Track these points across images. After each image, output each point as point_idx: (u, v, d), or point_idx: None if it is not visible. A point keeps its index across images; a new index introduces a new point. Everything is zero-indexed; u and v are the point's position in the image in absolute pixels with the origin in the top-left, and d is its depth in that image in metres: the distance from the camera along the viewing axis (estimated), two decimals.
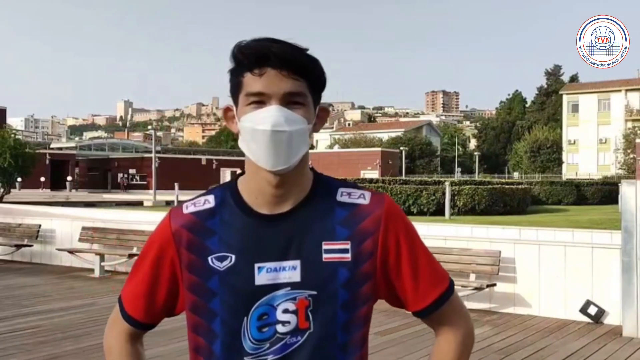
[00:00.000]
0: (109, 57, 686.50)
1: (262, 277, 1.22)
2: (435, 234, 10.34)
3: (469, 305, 8.08)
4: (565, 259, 7.65)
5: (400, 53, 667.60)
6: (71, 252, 11.57)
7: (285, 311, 1.22)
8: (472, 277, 7.94)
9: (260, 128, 1.19)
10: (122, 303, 1.37)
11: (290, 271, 1.23)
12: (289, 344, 1.22)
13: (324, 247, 1.24)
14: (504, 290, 7.95)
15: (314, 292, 1.22)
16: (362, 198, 1.29)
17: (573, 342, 6.51)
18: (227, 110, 1.30)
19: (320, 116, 1.29)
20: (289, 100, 1.21)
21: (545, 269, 7.77)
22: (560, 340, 6.61)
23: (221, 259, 1.24)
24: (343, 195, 1.29)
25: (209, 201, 1.30)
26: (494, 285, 7.85)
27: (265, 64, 1.20)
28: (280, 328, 1.22)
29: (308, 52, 1.25)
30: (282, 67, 1.20)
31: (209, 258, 1.25)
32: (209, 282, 1.24)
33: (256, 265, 1.23)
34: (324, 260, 1.24)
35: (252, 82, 1.21)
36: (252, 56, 1.21)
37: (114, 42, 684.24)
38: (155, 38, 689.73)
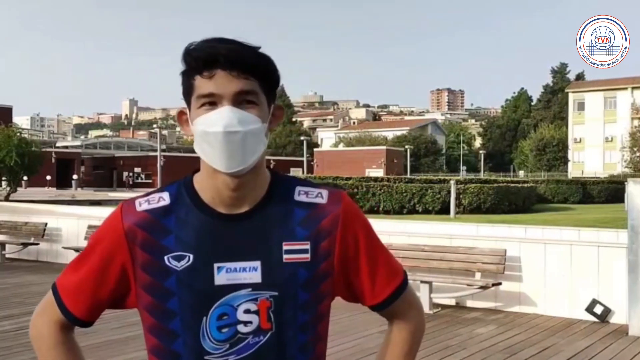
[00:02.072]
0: (114, 56, 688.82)
1: (221, 277, 1.21)
2: (441, 232, 10.34)
3: (475, 304, 8.08)
4: (571, 258, 7.63)
5: (404, 51, 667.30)
6: (77, 250, 11.61)
7: (247, 311, 1.21)
8: (478, 275, 7.93)
9: (212, 130, 1.17)
10: (59, 295, 1.31)
11: (251, 272, 1.22)
12: (251, 344, 1.22)
13: (285, 247, 1.24)
14: (510, 289, 7.94)
15: (275, 293, 1.22)
16: (319, 197, 1.29)
17: (579, 341, 6.49)
18: (181, 113, 1.28)
19: (276, 115, 1.28)
20: (241, 100, 1.19)
21: (550, 267, 7.75)
22: (565, 339, 6.60)
23: (178, 259, 1.22)
24: (301, 195, 1.29)
25: (164, 198, 1.27)
26: (500, 284, 7.83)
27: (214, 66, 1.19)
28: (241, 328, 1.21)
29: (259, 50, 1.23)
30: (231, 68, 1.19)
31: (166, 257, 1.22)
32: (166, 282, 1.22)
33: (215, 265, 1.22)
34: (284, 260, 1.24)
35: (203, 84, 1.20)
36: (200, 59, 1.19)
37: (119, 40, 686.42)
38: (159, 36, 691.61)
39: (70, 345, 1.33)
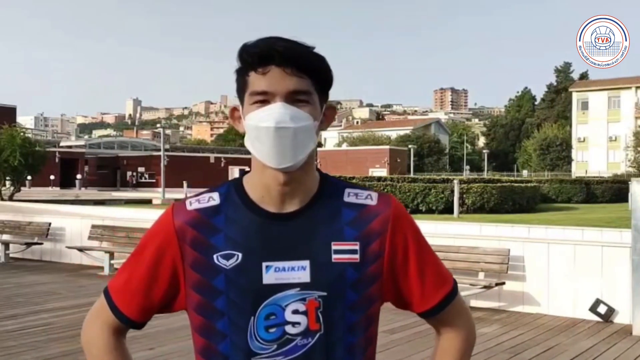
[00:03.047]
0: (117, 55, 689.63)
1: (270, 277, 1.21)
2: (444, 232, 10.33)
3: (478, 303, 8.06)
4: (574, 258, 7.62)
5: (408, 51, 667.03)
6: (81, 250, 11.65)
7: (295, 312, 1.20)
8: (481, 275, 7.92)
9: (264, 125, 1.18)
10: (111, 297, 1.32)
11: (300, 271, 1.21)
12: (300, 346, 1.20)
13: (334, 247, 1.23)
14: (513, 288, 7.93)
15: (324, 293, 1.21)
16: (369, 199, 1.28)
17: (582, 341, 6.48)
18: (233, 110, 1.29)
19: (327, 115, 1.28)
20: (293, 99, 1.20)
21: (554, 267, 7.74)
22: (569, 339, 6.59)
23: (227, 257, 1.22)
24: (350, 196, 1.28)
25: (214, 198, 1.28)
26: (503, 283, 7.83)
27: (269, 62, 1.19)
28: (289, 329, 1.20)
29: (314, 50, 1.24)
30: (286, 65, 1.19)
31: (215, 256, 1.23)
32: (215, 281, 1.22)
33: (264, 264, 1.21)
34: (333, 260, 1.22)
35: (256, 81, 1.20)
36: (256, 55, 1.20)
37: (122, 40, 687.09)
38: (163, 36, 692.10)
39: (122, 352, 1.32)
